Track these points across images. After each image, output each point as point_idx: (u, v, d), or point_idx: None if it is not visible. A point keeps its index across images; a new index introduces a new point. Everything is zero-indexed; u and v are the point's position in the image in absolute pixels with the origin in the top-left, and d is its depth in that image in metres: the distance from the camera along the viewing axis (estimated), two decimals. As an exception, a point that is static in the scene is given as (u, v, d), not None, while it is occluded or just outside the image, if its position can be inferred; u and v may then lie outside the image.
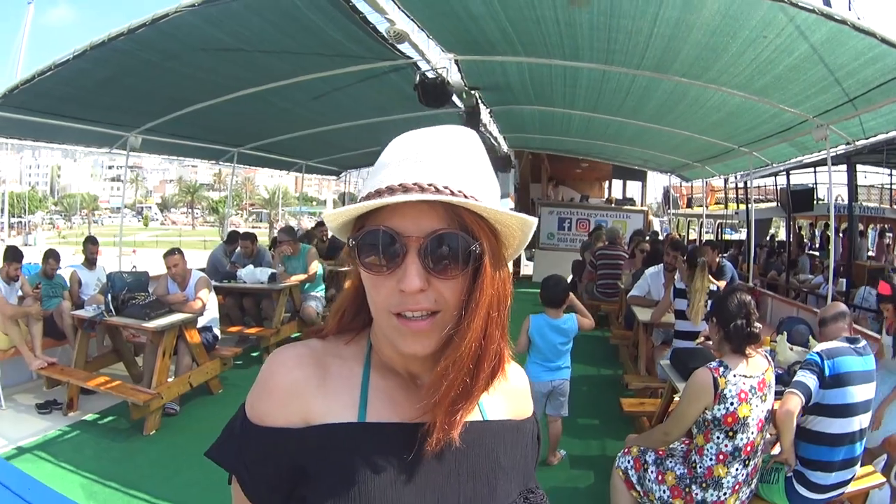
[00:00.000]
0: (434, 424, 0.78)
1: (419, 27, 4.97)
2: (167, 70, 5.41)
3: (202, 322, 5.75)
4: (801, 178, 15.80)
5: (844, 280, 11.42)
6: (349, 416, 0.80)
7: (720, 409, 2.69)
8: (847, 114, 5.58)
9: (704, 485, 2.77)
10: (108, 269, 6.73)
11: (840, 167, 11.75)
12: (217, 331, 6.06)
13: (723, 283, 5.48)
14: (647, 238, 9.63)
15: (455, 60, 5.76)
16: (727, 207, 18.67)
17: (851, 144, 6.67)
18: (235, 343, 7.08)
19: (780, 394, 2.95)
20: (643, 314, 5.78)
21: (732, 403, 2.68)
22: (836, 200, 13.75)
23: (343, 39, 5.03)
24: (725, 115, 6.83)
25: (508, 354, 0.86)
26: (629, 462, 3.11)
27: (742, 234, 21.52)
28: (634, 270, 7.50)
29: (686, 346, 4.64)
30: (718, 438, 2.73)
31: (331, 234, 9.34)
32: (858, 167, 13.62)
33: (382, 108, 8.08)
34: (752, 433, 2.73)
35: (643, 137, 9.41)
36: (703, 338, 4.55)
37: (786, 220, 15.64)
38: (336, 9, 4.40)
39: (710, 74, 5.37)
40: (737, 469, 2.75)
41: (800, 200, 13.23)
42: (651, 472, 2.98)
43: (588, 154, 12.96)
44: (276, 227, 18.01)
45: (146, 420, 4.85)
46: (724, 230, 22.82)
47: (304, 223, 18.34)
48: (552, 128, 9.84)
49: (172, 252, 5.79)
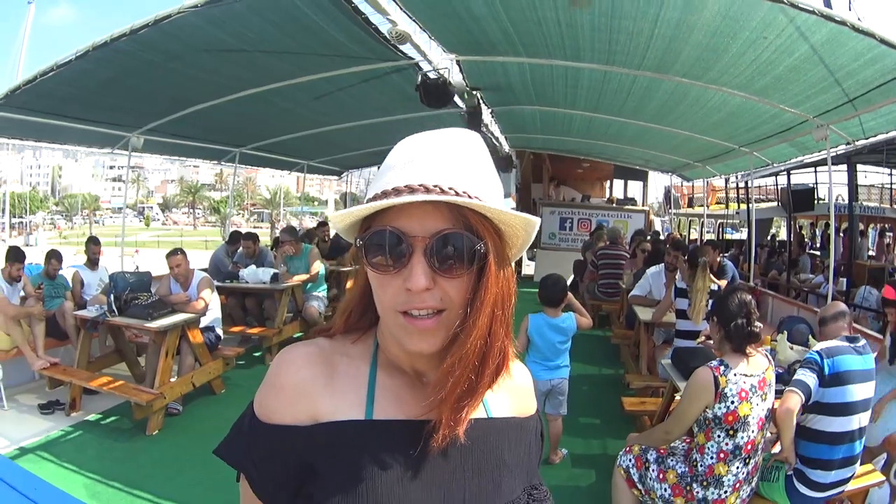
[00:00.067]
0: (440, 421, 0.79)
1: (421, 28, 4.98)
2: (170, 71, 5.41)
3: (205, 322, 5.75)
4: (802, 178, 15.82)
5: (845, 280, 11.43)
6: (356, 414, 0.81)
7: (721, 408, 2.71)
8: (847, 114, 5.59)
9: (705, 483, 2.78)
10: (111, 270, 6.73)
11: (840, 167, 11.76)
12: (220, 331, 6.05)
13: (724, 283, 5.49)
14: (649, 238, 9.62)
15: (457, 61, 5.77)
16: (728, 207, 18.63)
17: (851, 144, 6.68)
18: (238, 343, 7.08)
19: (781, 393, 2.96)
20: (644, 314, 5.80)
21: (733, 402, 2.69)
22: (837, 200, 13.76)
23: (345, 40, 5.04)
24: (726, 116, 6.83)
25: (512, 352, 0.87)
26: (631, 460, 3.12)
27: (743, 234, 21.48)
28: (636, 270, 7.50)
29: (687, 346, 4.66)
30: (719, 437, 2.74)
31: (332, 234, 9.42)
32: (858, 167, 13.62)
33: (384, 109, 8.08)
34: (753, 432, 2.74)
35: (644, 137, 9.41)
36: (704, 337, 4.57)
37: (786, 220, 15.62)
38: (338, 10, 4.41)
39: (711, 75, 5.38)
40: (737, 467, 2.76)
41: (800, 200, 13.22)
42: (652, 471, 2.99)
43: (589, 154, 12.95)
44: (278, 228, 17.99)
45: (149, 420, 4.84)
46: (725, 230, 22.74)
47: (306, 223, 18.32)
48: (553, 128, 9.84)
49: (175, 252, 5.79)
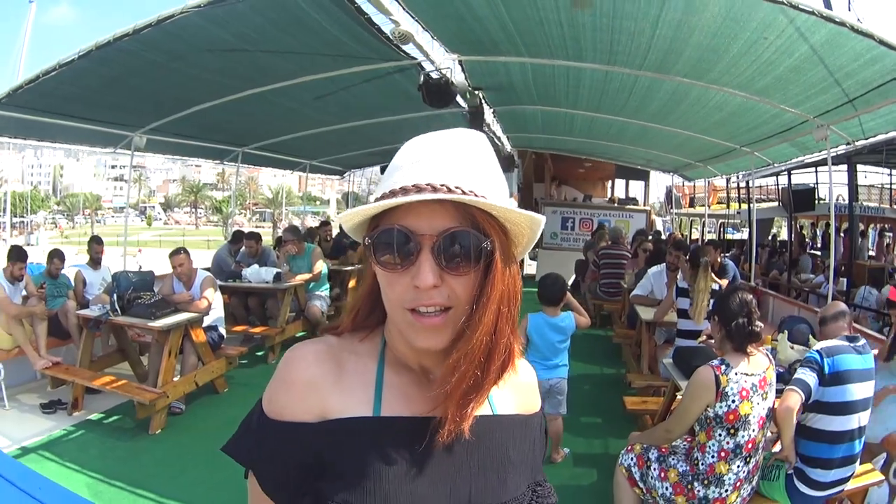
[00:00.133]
0: (445, 417, 0.80)
1: (423, 28, 4.98)
2: (172, 70, 5.41)
3: (208, 321, 5.77)
4: (803, 178, 15.83)
5: (845, 280, 11.44)
6: (364, 411, 0.83)
7: (722, 407, 2.72)
8: (847, 114, 5.59)
9: (706, 482, 2.79)
10: (113, 269, 6.75)
11: (840, 167, 11.76)
12: (223, 330, 6.07)
13: (725, 282, 5.50)
14: (650, 238, 9.65)
15: (459, 61, 5.78)
16: (729, 207, 18.61)
17: (851, 144, 6.68)
18: (240, 342, 7.09)
19: (781, 392, 2.97)
20: (646, 313, 5.81)
21: (734, 401, 2.71)
22: (837, 200, 13.76)
23: (348, 40, 5.04)
24: (727, 116, 6.83)
25: (518, 350, 0.89)
26: (632, 459, 3.14)
27: (744, 234, 21.48)
28: (637, 270, 7.52)
29: (688, 345, 4.67)
30: (720, 436, 2.76)
31: (335, 234, 9.43)
32: (858, 167, 13.62)
33: (386, 109, 8.08)
34: (754, 430, 2.75)
35: (646, 137, 9.40)
36: (706, 336, 4.58)
37: (787, 220, 15.62)
38: (341, 10, 4.41)
39: (712, 75, 5.38)
40: (738, 466, 2.77)
41: (801, 200, 13.22)
42: (654, 469, 3.01)
43: (591, 154, 12.93)
44: (280, 227, 17.97)
45: (152, 419, 4.86)
46: (727, 230, 22.74)
47: (308, 222, 18.32)
48: (555, 128, 9.83)
49: (178, 251, 5.80)
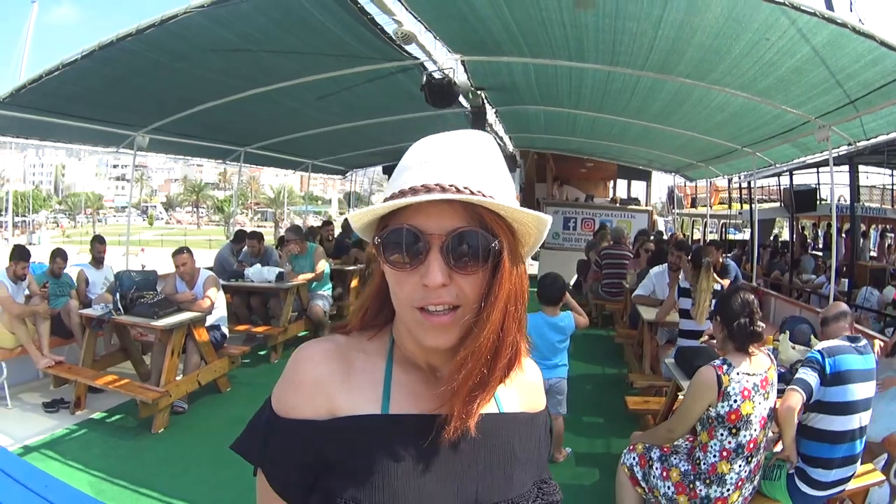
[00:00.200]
0: (452, 414, 0.81)
1: (426, 28, 4.99)
2: (176, 70, 5.42)
3: (210, 320, 5.77)
4: (805, 179, 15.83)
5: (846, 280, 11.44)
6: (373, 409, 0.84)
7: (724, 407, 2.73)
8: (848, 115, 5.60)
9: (708, 481, 2.80)
10: (116, 268, 6.76)
11: (842, 168, 11.77)
12: (225, 329, 6.09)
13: (727, 282, 5.51)
14: (652, 238, 9.65)
15: (461, 61, 5.78)
16: (731, 207, 18.57)
17: (853, 145, 6.69)
18: (243, 342, 7.08)
19: (783, 392, 2.98)
20: (648, 313, 5.83)
21: (736, 401, 2.72)
22: (839, 201, 13.77)
23: (351, 40, 5.05)
24: (729, 116, 6.84)
25: (525, 349, 0.89)
26: (634, 459, 3.15)
27: (746, 234, 21.46)
28: (639, 270, 7.53)
29: (690, 345, 4.68)
30: (722, 435, 2.77)
31: (337, 234, 9.45)
32: (860, 168, 13.62)
33: (389, 109, 8.09)
34: (755, 430, 2.76)
35: (648, 137, 9.41)
36: (707, 336, 4.59)
37: (789, 221, 15.60)
38: (344, 10, 4.42)
39: (714, 76, 5.39)
40: (740, 465, 2.78)
41: (803, 201, 13.21)
42: (656, 469, 3.02)
43: (593, 154, 12.93)
44: (282, 227, 17.97)
45: (154, 418, 4.86)
46: (728, 230, 22.72)
47: (310, 221, 18.33)
48: (557, 128, 9.84)
49: (181, 251, 5.81)
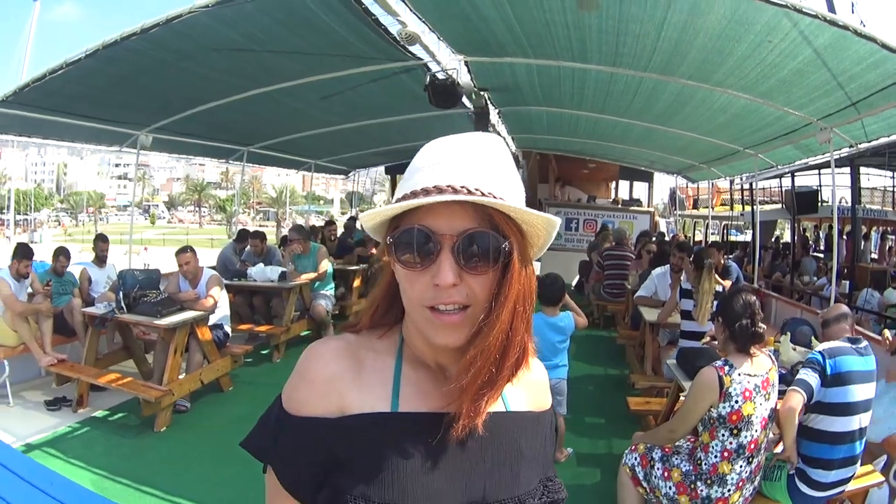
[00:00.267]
0: (460, 412, 0.82)
1: (430, 29, 5.01)
2: (180, 70, 5.44)
3: (213, 319, 5.78)
4: (806, 180, 15.80)
5: (847, 282, 11.43)
6: (383, 407, 0.85)
7: (725, 407, 2.74)
8: (850, 117, 5.61)
9: (709, 481, 2.81)
10: (119, 267, 6.77)
11: (843, 170, 11.76)
12: (228, 328, 6.09)
13: (728, 283, 5.51)
14: (654, 239, 9.67)
15: (465, 62, 5.81)
16: (733, 209, 18.53)
17: (854, 147, 6.70)
18: (245, 341, 7.09)
19: (783, 393, 2.99)
20: (649, 314, 5.84)
21: (737, 401, 2.73)
22: (840, 203, 13.76)
23: (355, 41, 5.07)
24: (731, 117, 6.85)
25: (532, 348, 0.91)
26: (636, 459, 3.16)
27: (747, 236, 21.43)
28: (641, 271, 7.54)
29: (692, 346, 4.68)
30: (723, 436, 2.78)
31: (339, 233, 9.46)
32: (862, 170, 13.62)
33: (392, 109, 8.12)
34: (756, 431, 2.77)
35: (650, 138, 9.42)
36: (709, 338, 4.60)
37: (790, 222, 15.59)
38: (348, 10, 4.45)
39: (716, 77, 5.40)
40: (741, 466, 2.79)
41: (804, 202, 13.18)
42: (657, 469, 3.03)
43: (595, 155, 12.94)
44: (284, 226, 17.99)
45: (157, 417, 4.86)
46: (730, 231, 22.70)
47: (312, 221, 18.34)
48: (560, 128, 9.86)
49: (184, 250, 5.82)
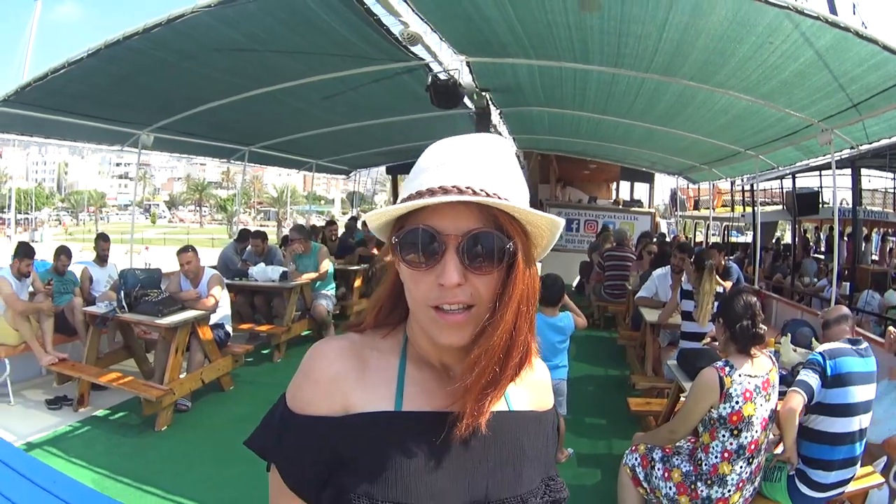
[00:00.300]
0: (464, 411, 0.82)
1: (432, 29, 5.02)
2: (182, 70, 5.45)
3: (214, 319, 5.79)
4: (807, 182, 15.81)
5: (848, 283, 11.44)
6: (387, 406, 0.85)
7: (725, 408, 2.75)
8: (851, 118, 5.60)
9: (709, 482, 2.82)
10: (120, 266, 6.77)
11: (844, 171, 11.77)
12: (229, 328, 6.10)
13: (729, 284, 5.52)
14: (655, 240, 9.67)
15: (467, 62, 5.81)
16: (734, 210, 18.55)
17: (855, 149, 6.68)
18: (246, 340, 7.09)
19: (784, 394, 3.00)
20: (650, 315, 5.84)
21: (737, 402, 2.73)
22: (841, 204, 13.75)
23: (357, 41, 5.07)
24: (732, 119, 6.84)
25: (535, 348, 0.92)
26: (636, 459, 3.16)
27: (748, 237, 21.43)
28: (642, 272, 7.54)
29: (692, 347, 4.68)
30: (723, 437, 2.78)
31: (340, 233, 9.46)
32: (863, 171, 13.60)
33: (394, 109, 8.11)
34: (757, 432, 2.78)
35: (651, 139, 9.42)
36: (710, 339, 4.60)
37: (791, 224, 15.59)
38: (350, 11, 4.45)
39: (718, 78, 5.39)
40: (741, 467, 2.80)
41: (805, 204, 13.19)
42: (658, 469, 3.03)
43: (596, 155, 12.93)
44: (285, 226, 17.98)
45: (158, 416, 4.86)
46: (731, 233, 22.71)
47: (313, 221, 18.34)
48: (561, 129, 9.85)
49: (186, 249, 5.83)
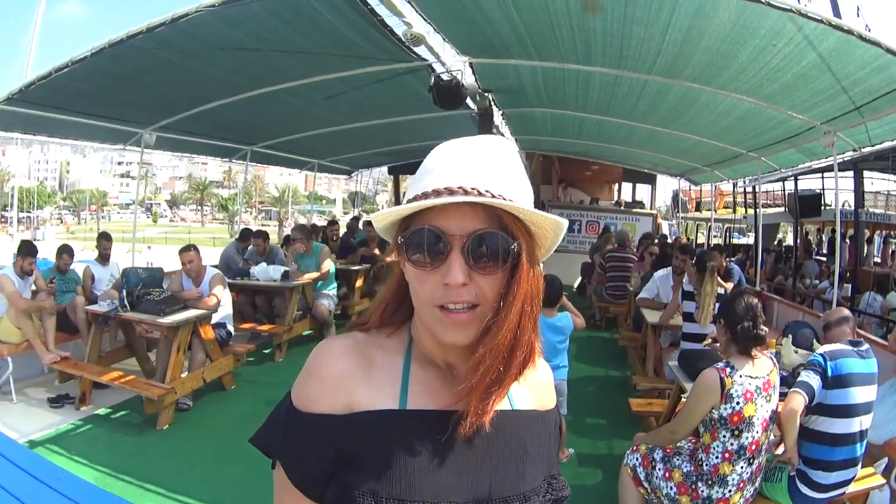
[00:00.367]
0: (468, 410, 0.83)
1: (435, 30, 5.02)
2: (186, 69, 5.45)
3: (216, 318, 5.80)
4: (809, 184, 15.80)
5: (850, 285, 11.43)
6: (391, 404, 0.86)
7: (726, 409, 2.75)
8: (853, 121, 5.59)
9: (710, 482, 2.83)
10: (122, 265, 6.79)
11: (847, 173, 11.76)
12: (231, 327, 6.11)
13: (730, 286, 5.52)
14: (656, 241, 9.69)
15: (469, 63, 5.81)
16: (735, 212, 18.58)
17: (858, 151, 6.67)
18: (248, 340, 7.10)
19: (785, 395, 3.01)
20: (652, 316, 5.84)
21: (738, 403, 2.74)
22: (843, 206, 13.74)
23: (360, 41, 5.08)
24: (735, 121, 6.83)
25: (538, 348, 0.92)
26: (637, 459, 3.17)
27: (750, 239, 21.43)
28: (643, 273, 7.55)
29: (694, 348, 4.69)
30: (724, 437, 2.79)
31: (342, 233, 9.46)
32: (865, 174, 13.59)
33: (397, 109, 8.12)
34: (757, 432, 2.79)
35: (653, 141, 9.40)
36: (711, 340, 4.61)
37: (793, 226, 15.59)
38: (354, 11, 4.46)
39: (721, 80, 5.39)
40: (742, 467, 2.80)
41: (807, 206, 13.19)
42: (658, 470, 3.04)
43: (598, 157, 12.92)
44: (286, 226, 18.00)
45: (159, 415, 4.87)
46: (733, 234, 22.69)
47: (314, 221, 18.37)
48: (564, 130, 9.85)
49: (188, 248, 5.84)
